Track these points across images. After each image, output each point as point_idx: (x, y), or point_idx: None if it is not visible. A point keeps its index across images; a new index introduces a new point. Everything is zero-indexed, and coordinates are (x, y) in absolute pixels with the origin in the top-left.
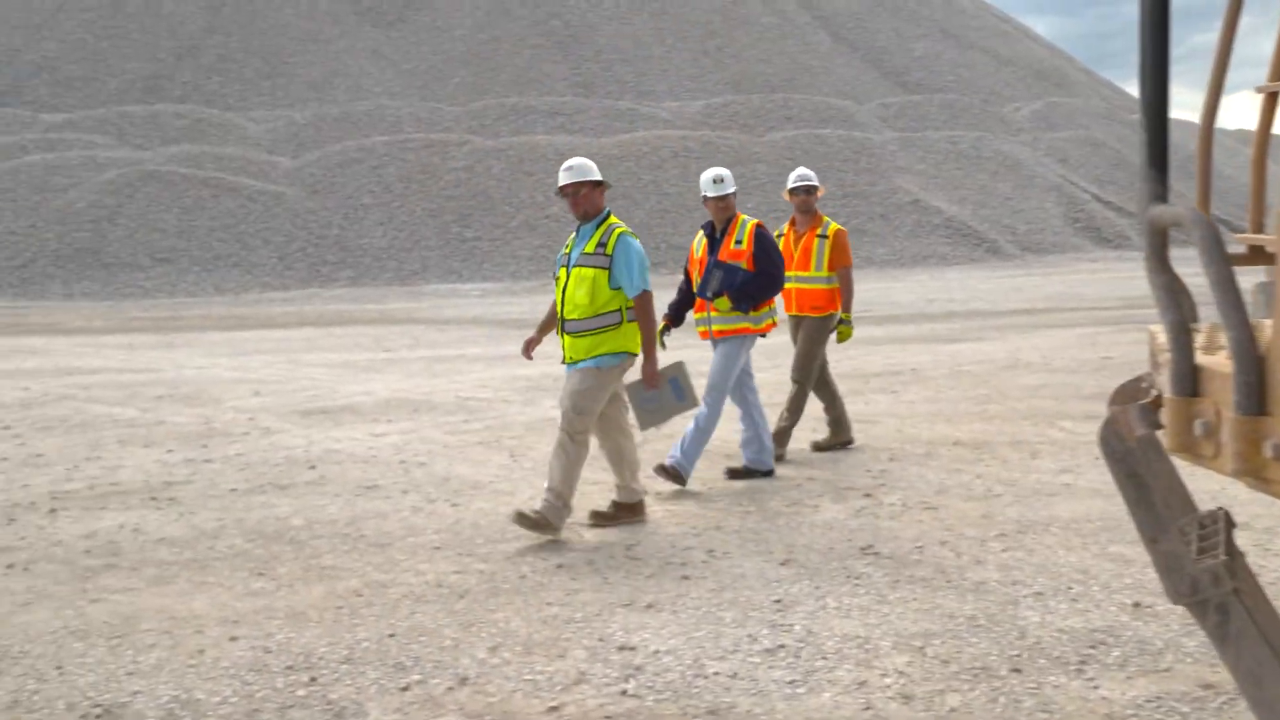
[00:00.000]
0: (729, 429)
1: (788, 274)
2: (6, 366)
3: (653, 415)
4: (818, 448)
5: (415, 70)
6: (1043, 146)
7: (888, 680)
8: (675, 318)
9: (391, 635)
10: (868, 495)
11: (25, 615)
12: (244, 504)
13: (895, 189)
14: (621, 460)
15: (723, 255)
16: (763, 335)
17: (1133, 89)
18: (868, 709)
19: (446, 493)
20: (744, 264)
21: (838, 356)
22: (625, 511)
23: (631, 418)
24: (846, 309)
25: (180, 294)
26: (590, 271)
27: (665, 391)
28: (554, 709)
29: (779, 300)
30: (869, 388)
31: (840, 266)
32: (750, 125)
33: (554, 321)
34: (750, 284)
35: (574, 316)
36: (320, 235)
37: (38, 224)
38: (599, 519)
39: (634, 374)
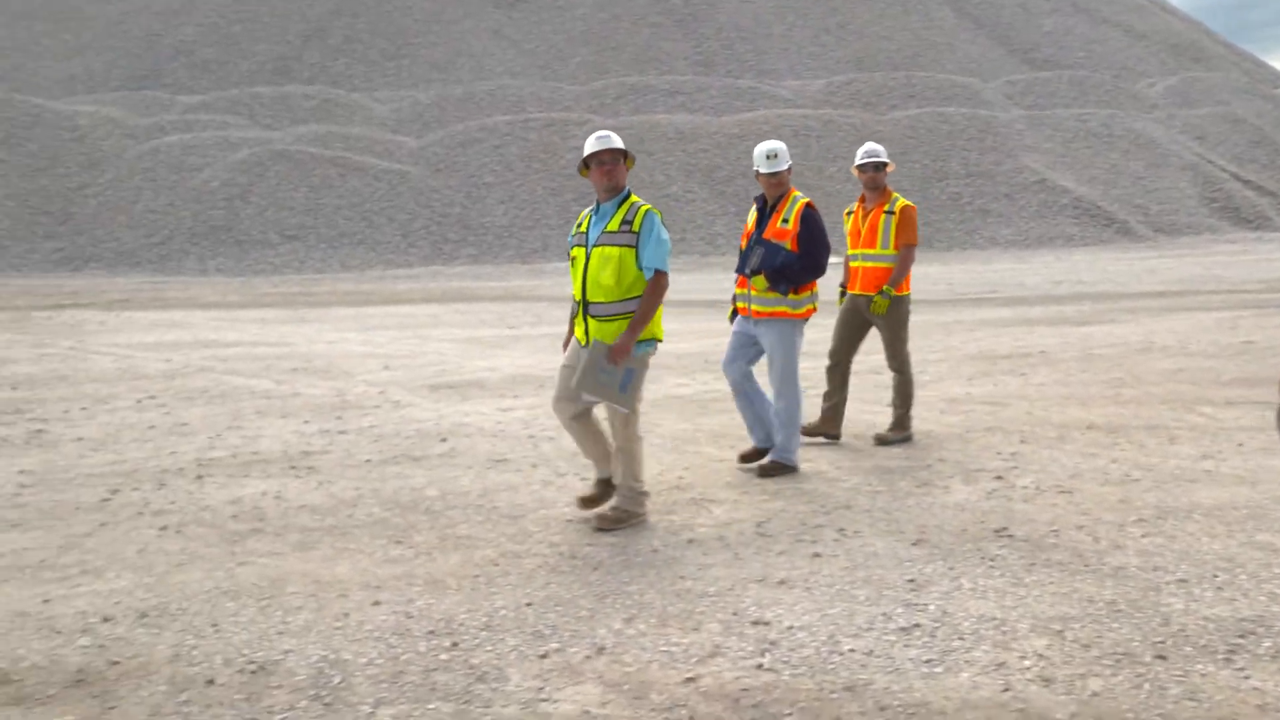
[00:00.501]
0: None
1: (854, 251)
2: (149, 339)
3: (592, 385)
4: (806, 434)
5: (537, 50)
6: (1178, 124)
7: (1027, 662)
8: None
9: (529, 604)
10: (999, 478)
11: (180, 575)
12: (379, 474)
13: (1021, 168)
14: (605, 448)
15: (768, 232)
16: (805, 319)
17: (1277, 62)
18: (1006, 690)
19: (575, 467)
20: (788, 244)
21: (962, 338)
22: (612, 489)
23: (579, 374)
24: (892, 283)
25: (308, 270)
26: (616, 250)
27: (618, 373)
28: (691, 680)
29: (834, 283)
30: (997, 369)
31: (904, 243)
32: (872, 103)
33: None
34: (790, 266)
35: (599, 299)
36: (443, 213)
37: (175, 202)
38: (587, 503)
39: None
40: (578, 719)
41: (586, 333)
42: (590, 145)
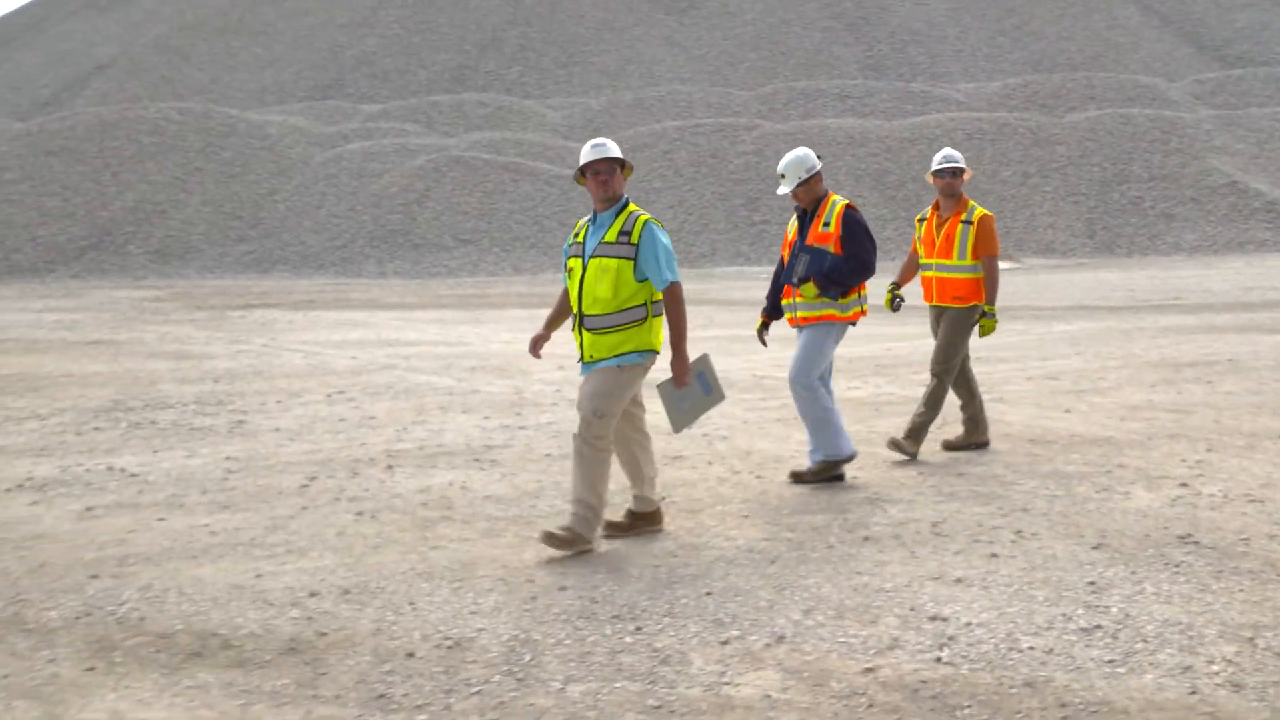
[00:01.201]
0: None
1: (927, 261)
2: (335, 337)
3: (685, 415)
4: (949, 447)
5: (706, 56)
6: None
7: (1215, 667)
8: (772, 310)
9: (708, 594)
10: (1184, 485)
11: (377, 556)
12: (559, 468)
13: (1208, 170)
14: (639, 467)
15: (810, 238)
16: (852, 324)
17: None
18: (1193, 693)
19: (750, 465)
20: (831, 247)
21: (1144, 345)
22: (641, 521)
23: (665, 420)
24: (990, 300)
25: (481, 273)
26: (613, 262)
27: (694, 388)
28: (870, 670)
29: (916, 285)
30: (1180, 377)
31: (985, 255)
32: (1050, 106)
33: (563, 315)
34: (838, 269)
35: (595, 312)
36: None
37: (356, 207)
38: (614, 529)
39: (663, 372)
40: (759, 702)
41: (582, 345)
42: (586, 154)
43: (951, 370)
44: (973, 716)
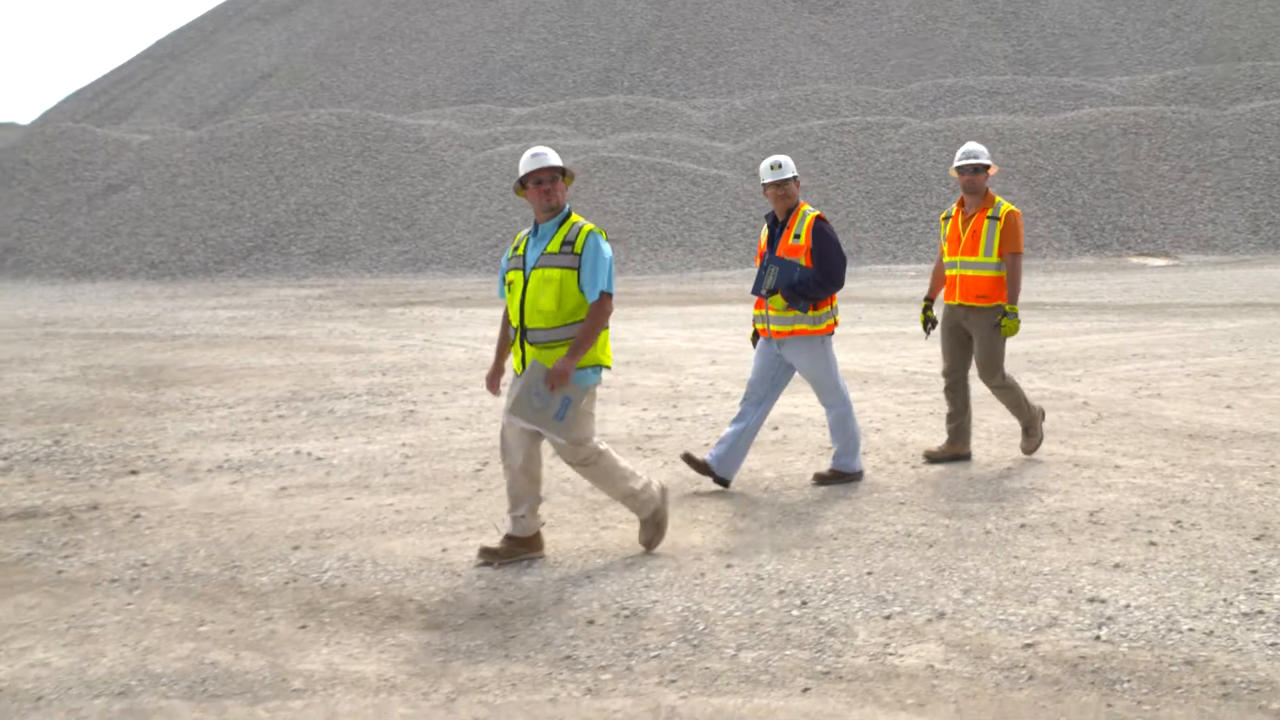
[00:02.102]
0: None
1: (952, 258)
2: (492, 333)
3: (529, 411)
4: (931, 457)
5: (852, 54)
6: None
7: None
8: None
9: (869, 573)
10: None
11: (552, 535)
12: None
13: None
14: (535, 489)
15: (781, 249)
16: (829, 334)
17: None
18: None
19: (905, 456)
20: (801, 259)
21: None
22: (521, 546)
23: (513, 398)
24: (1013, 300)
25: (629, 271)
26: (556, 273)
27: (554, 401)
28: (1029, 646)
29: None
30: None
31: (1009, 252)
32: (1211, 98)
33: (509, 343)
34: (807, 282)
35: (538, 325)
36: (758, 217)
37: (506, 208)
38: (489, 555)
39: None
40: (922, 671)
41: (524, 361)
42: (525, 164)
43: (1003, 376)
44: (1133, 691)
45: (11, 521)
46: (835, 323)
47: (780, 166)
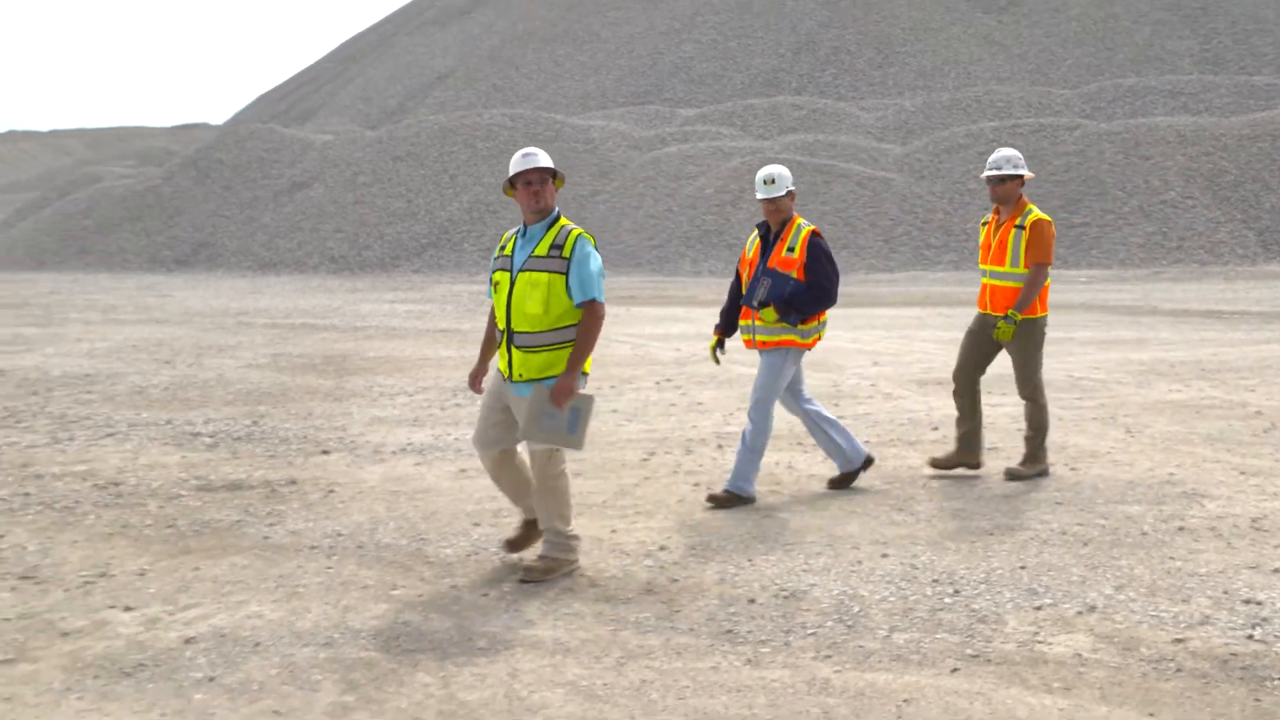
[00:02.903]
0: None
1: (983, 267)
2: (658, 331)
3: (540, 433)
4: (936, 465)
5: (1026, 54)
6: None
7: None
8: (726, 327)
9: (1022, 567)
10: None
11: (715, 521)
12: (879, 454)
13: None
14: (527, 482)
15: (773, 261)
16: (809, 349)
17: None
18: None
19: (1065, 458)
20: (794, 273)
21: None
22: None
23: (522, 426)
24: (1018, 306)
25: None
26: (544, 276)
27: (563, 417)
28: (1179, 641)
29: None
30: None
31: (1034, 262)
32: None
33: (495, 343)
34: (800, 296)
35: (525, 329)
36: (925, 219)
37: (673, 208)
38: (512, 545)
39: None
40: (1069, 659)
41: (510, 364)
42: (515, 164)
43: (1040, 387)
44: None
45: (221, 492)
46: (819, 338)
47: (773, 182)
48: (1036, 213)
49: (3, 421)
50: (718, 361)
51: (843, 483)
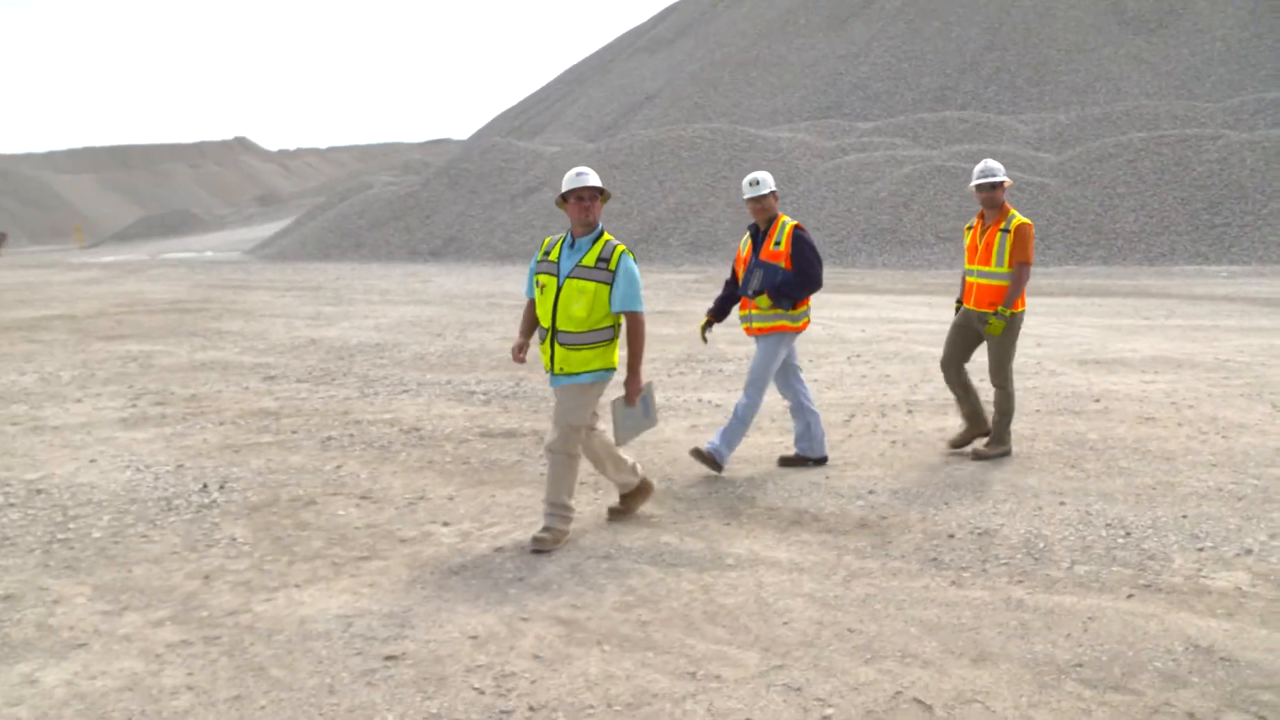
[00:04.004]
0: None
1: (970, 267)
2: (844, 314)
3: (628, 431)
4: (954, 445)
5: (1173, 71)
6: None
7: None
8: (719, 313)
9: (1184, 516)
10: None
11: (913, 473)
12: (1047, 422)
13: None
14: (603, 460)
15: (763, 255)
16: (800, 331)
17: None
18: None
19: (1217, 428)
20: (782, 264)
21: None
22: (632, 499)
23: (608, 433)
24: (1008, 304)
25: (957, 266)
26: (591, 285)
27: (639, 408)
28: None
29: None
30: None
31: (1018, 261)
32: None
33: (533, 326)
34: (788, 283)
35: (569, 329)
36: (1077, 220)
37: (851, 209)
38: (617, 514)
39: (615, 389)
40: (1230, 592)
41: (553, 359)
42: (570, 182)
43: (1008, 378)
44: None
45: (500, 438)
46: (808, 322)
47: (758, 183)
48: (1019, 217)
49: (322, 379)
50: (705, 341)
51: (793, 462)
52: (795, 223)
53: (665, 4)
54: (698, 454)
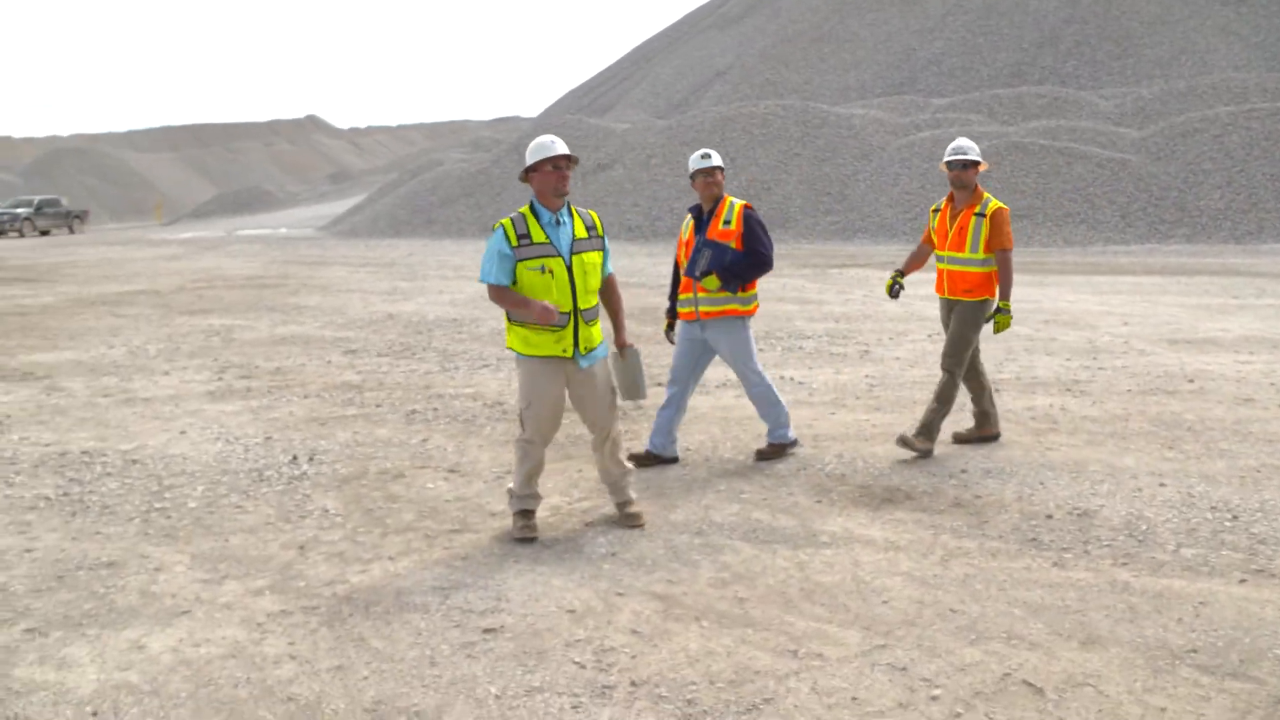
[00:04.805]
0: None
1: (940, 253)
2: (920, 292)
3: (635, 388)
4: (960, 439)
5: (1264, 43)
6: None
7: None
8: (673, 311)
9: None
10: None
11: (1005, 451)
12: (1140, 401)
13: None
14: (617, 478)
15: (711, 234)
16: (751, 315)
17: None
18: None
19: None
20: (732, 243)
21: None
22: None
23: (618, 395)
24: (1005, 296)
25: (1034, 244)
26: (596, 256)
27: (636, 365)
28: None
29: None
30: None
31: (998, 249)
32: None
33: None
34: (739, 263)
35: (589, 305)
36: (1160, 197)
37: (926, 186)
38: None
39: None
40: None
41: (577, 341)
42: (543, 150)
43: (962, 364)
44: None
45: None
46: (758, 306)
47: (709, 156)
48: (995, 201)
49: (403, 354)
50: (672, 342)
51: (647, 461)
52: (745, 202)
53: None
54: (765, 455)
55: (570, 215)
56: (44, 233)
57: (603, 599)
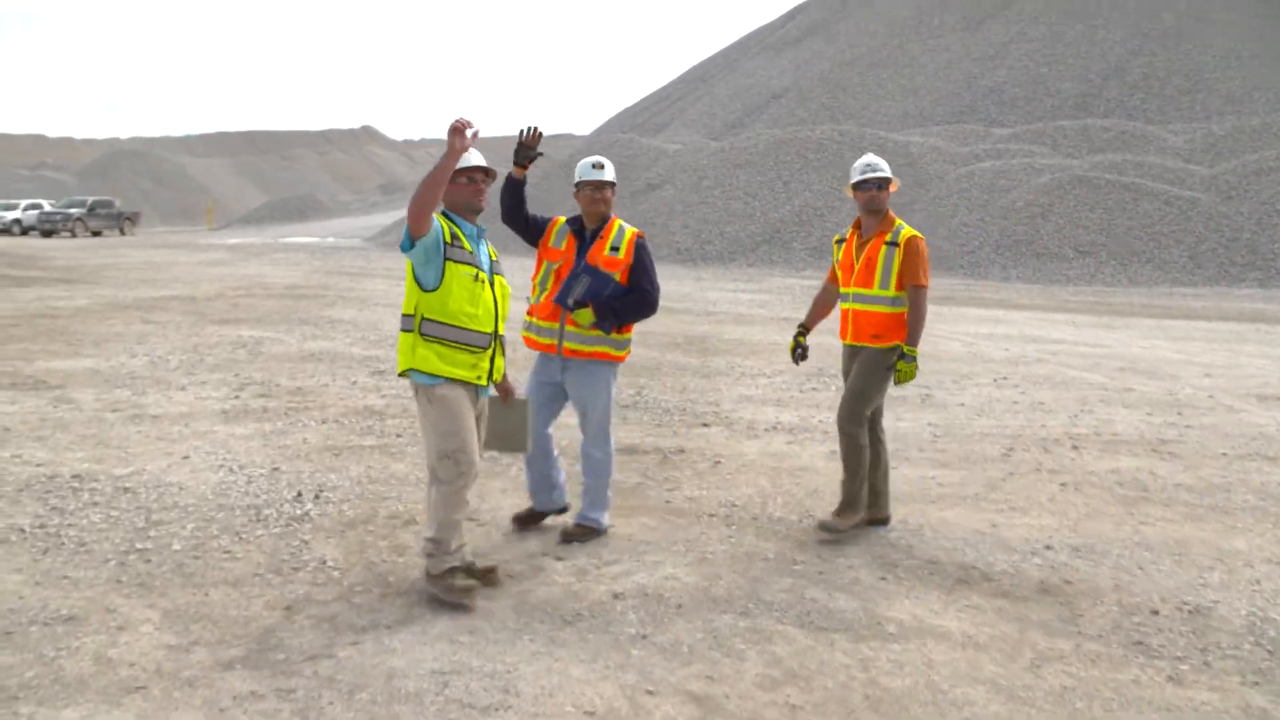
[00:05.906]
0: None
1: (845, 290)
2: (983, 330)
3: (521, 438)
4: (826, 527)
5: None
6: None
7: None
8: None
9: None
10: None
11: (1092, 524)
12: (1240, 468)
13: None
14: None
15: (593, 258)
16: (621, 362)
17: None
18: None
19: None
20: (617, 275)
21: None
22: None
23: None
24: (912, 341)
25: (1097, 283)
26: (502, 279)
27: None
28: None
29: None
30: None
31: (910, 284)
32: None
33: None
34: (621, 301)
35: (502, 333)
36: (1231, 238)
37: (985, 219)
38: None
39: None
40: None
41: (492, 368)
42: (472, 159)
43: (862, 424)
44: None
45: (621, 455)
46: (629, 352)
47: (602, 166)
48: (908, 229)
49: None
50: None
51: (532, 521)
52: (638, 230)
53: (793, 3)
54: (571, 536)
55: (480, 236)
56: (95, 233)
57: (629, 698)
